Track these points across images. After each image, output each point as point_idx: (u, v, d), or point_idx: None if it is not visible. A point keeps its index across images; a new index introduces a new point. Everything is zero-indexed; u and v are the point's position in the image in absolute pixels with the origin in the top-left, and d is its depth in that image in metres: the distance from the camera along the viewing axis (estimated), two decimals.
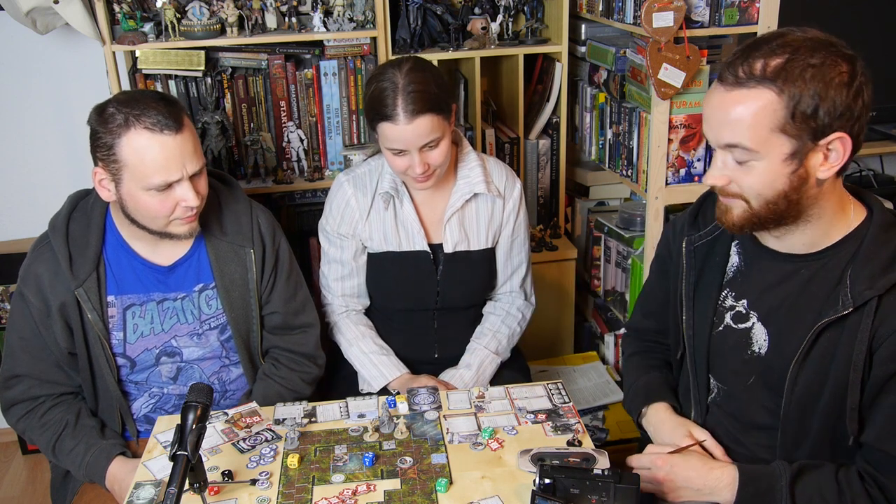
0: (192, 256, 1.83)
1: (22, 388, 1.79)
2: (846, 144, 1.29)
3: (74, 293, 1.72)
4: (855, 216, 1.40)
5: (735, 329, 1.52)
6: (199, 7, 2.35)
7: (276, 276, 1.91)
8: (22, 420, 1.81)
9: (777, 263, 1.45)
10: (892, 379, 1.32)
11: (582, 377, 2.71)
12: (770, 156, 1.29)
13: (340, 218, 2.04)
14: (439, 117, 1.84)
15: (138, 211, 1.69)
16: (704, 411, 1.60)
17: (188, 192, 1.66)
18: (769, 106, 1.26)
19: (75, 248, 1.74)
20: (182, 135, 1.63)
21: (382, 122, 1.83)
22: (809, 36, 1.29)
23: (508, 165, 2.14)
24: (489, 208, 2.06)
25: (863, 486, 1.35)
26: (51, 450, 1.78)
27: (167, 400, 1.88)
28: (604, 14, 2.47)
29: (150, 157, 1.61)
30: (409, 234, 2.03)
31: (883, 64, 2.77)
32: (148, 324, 1.82)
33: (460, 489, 1.46)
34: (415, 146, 1.84)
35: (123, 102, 1.64)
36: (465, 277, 2.08)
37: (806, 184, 1.31)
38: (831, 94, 1.25)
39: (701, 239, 1.56)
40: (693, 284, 1.57)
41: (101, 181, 1.68)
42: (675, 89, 2.18)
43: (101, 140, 1.63)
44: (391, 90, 1.81)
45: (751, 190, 1.34)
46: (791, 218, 1.36)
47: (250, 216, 1.88)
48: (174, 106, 1.66)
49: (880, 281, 1.31)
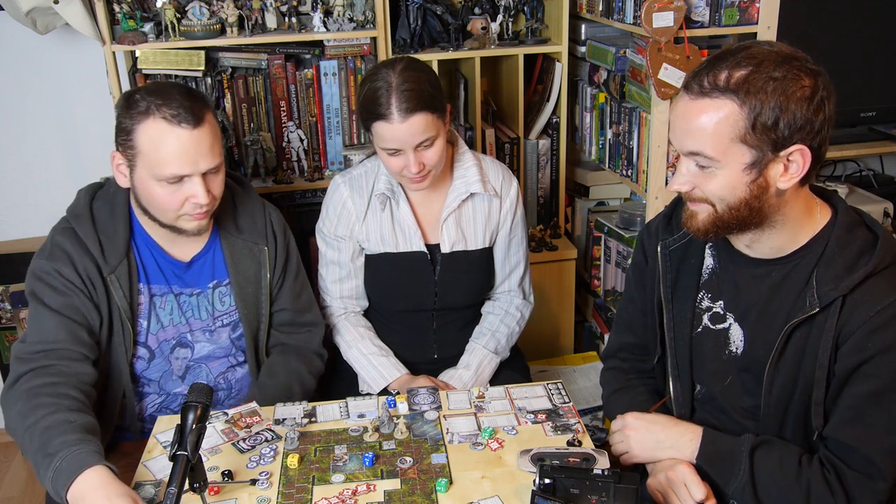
0: (208, 253, 1.84)
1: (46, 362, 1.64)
2: (806, 156, 1.32)
3: (106, 279, 1.71)
4: (821, 217, 1.43)
5: (713, 330, 1.55)
6: (199, 7, 2.35)
7: (286, 273, 1.92)
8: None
9: (749, 267, 1.49)
10: (853, 373, 1.36)
11: (582, 377, 2.71)
12: (730, 164, 1.33)
13: (337, 220, 2.04)
14: (433, 116, 1.83)
15: (149, 201, 1.69)
16: (689, 413, 1.62)
17: (199, 189, 1.65)
18: (731, 116, 1.30)
19: (103, 234, 1.73)
20: (199, 130, 1.63)
21: (377, 122, 1.83)
22: (775, 50, 1.31)
23: (505, 164, 2.14)
24: (486, 208, 2.05)
25: (821, 470, 1.39)
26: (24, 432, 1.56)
27: (173, 399, 1.88)
28: (604, 14, 2.47)
29: (164, 147, 1.61)
30: (406, 235, 2.03)
31: (883, 64, 2.78)
32: (168, 315, 1.82)
33: (460, 489, 1.46)
34: (409, 145, 1.83)
35: (150, 91, 1.65)
36: (462, 278, 2.08)
37: (766, 192, 1.35)
38: (792, 107, 1.28)
39: (675, 242, 1.59)
40: (670, 287, 1.59)
41: (118, 166, 1.69)
42: (675, 89, 2.18)
43: (122, 124, 1.64)
44: (385, 89, 1.81)
45: (714, 195, 1.37)
46: (754, 224, 1.40)
47: (264, 214, 1.89)
48: (198, 101, 1.66)
49: (844, 281, 1.36)
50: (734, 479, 1.44)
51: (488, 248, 2.10)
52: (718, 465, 1.46)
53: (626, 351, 1.78)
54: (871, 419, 1.36)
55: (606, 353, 1.84)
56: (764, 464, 1.43)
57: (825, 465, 1.40)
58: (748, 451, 1.43)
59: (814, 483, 1.39)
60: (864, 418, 1.36)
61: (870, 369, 1.34)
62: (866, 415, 1.36)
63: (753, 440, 1.45)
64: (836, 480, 1.38)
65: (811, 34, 2.60)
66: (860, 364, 1.35)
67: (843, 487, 1.37)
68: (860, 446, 1.36)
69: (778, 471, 1.41)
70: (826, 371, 1.38)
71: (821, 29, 2.62)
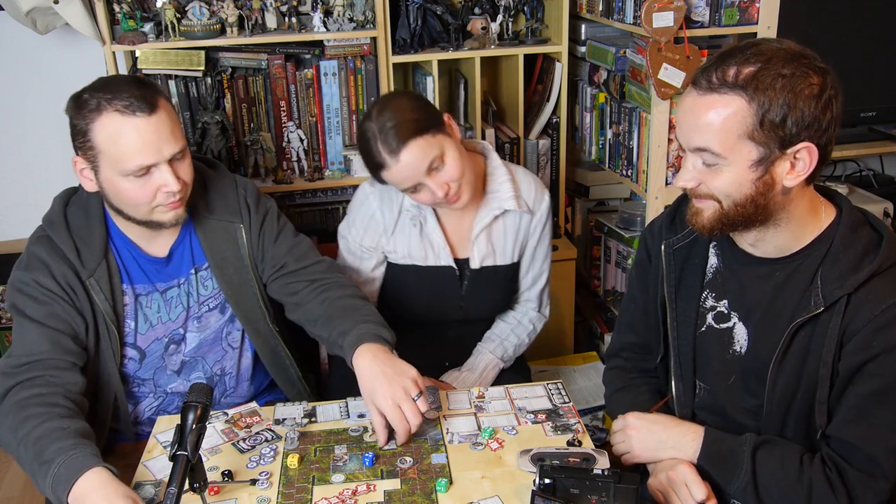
0: (184, 241, 1.82)
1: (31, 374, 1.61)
2: (813, 154, 1.31)
3: (85, 283, 1.70)
4: (825, 217, 1.43)
5: (717, 329, 1.55)
6: (199, 7, 2.35)
7: (264, 236, 1.86)
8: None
9: (753, 266, 1.49)
10: (857, 371, 1.36)
11: (582, 377, 2.71)
12: (737, 161, 1.32)
13: (364, 230, 2.01)
14: (427, 136, 1.79)
15: (119, 199, 1.66)
16: (691, 413, 1.62)
17: (168, 177, 1.62)
18: (739, 113, 1.29)
19: (79, 238, 1.71)
20: (156, 116, 1.59)
21: (381, 172, 1.82)
22: (784, 47, 1.31)
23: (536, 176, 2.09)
24: (517, 223, 2.02)
25: (823, 469, 1.39)
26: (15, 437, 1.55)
27: (170, 401, 1.87)
28: (604, 14, 2.47)
29: (124, 140, 1.58)
30: (434, 250, 1.99)
31: (883, 64, 2.78)
32: (155, 313, 1.80)
33: (460, 489, 1.46)
34: (420, 175, 1.80)
35: (97, 87, 1.61)
36: (489, 292, 2.06)
37: (772, 190, 1.35)
38: (800, 104, 1.28)
39: (679, 241, 1.58)
40: (674, 287, 1.59)
41: (81, 171, 1.66)
42: (675, 89, 2.18)
43: (76, 127, 1.61)
44: (371, 139, 1.79)
45: (720, 191, 1.37)
46: (759, 221, 1.39)
47: (236, 191, 1.85)
48: (148, 87, 1.62)
49: (849, 280, 1.35)
50: (736, 479, 1.43)
51: (516, 263, 2.07)
52: (720, 466, 1.46)
53: (628, 350, 1.78)
54: (874, 418, 1.35)
55: (609, 352, 1.84)
56: (766, 463, 1.43)
57: (827, 464, 1.39)
58: (750, 452, 1.43)
59: (815, 482, 1.38)
60: (868, 417, 1.36)
61: (874, 368, 1.34)
62: (870, 414, 1.36)
63: (755, 440, 1.45)
64: (838, 479, 1.37)
65: (811, 34, 2.58)
66: (864, 363, 1.35)
67: (845, 486, 1.37)
68: (864, 445, 1.36)
69: (779, 470, 1.41)
70: (830, 370, 1.38)
71: (821, 29, 2.62)
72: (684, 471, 1.47)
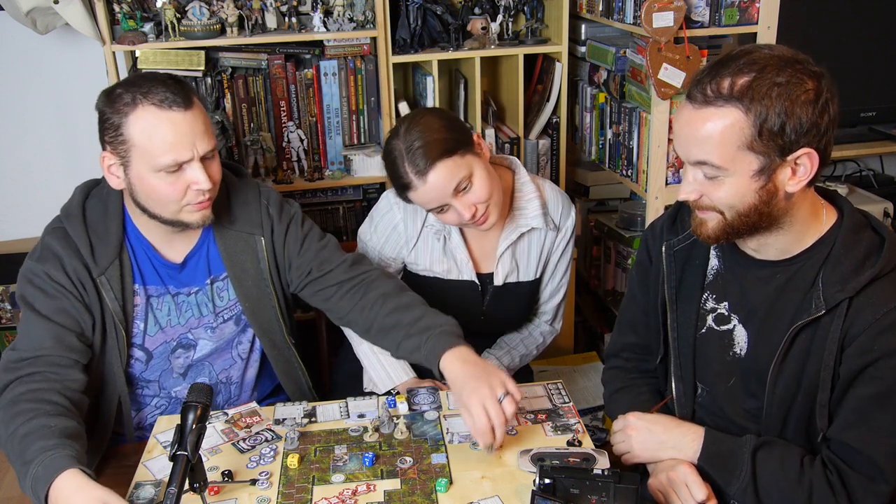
0: (202, 249, 1.80)
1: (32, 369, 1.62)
2: (813, 159, 1.31)
3: (96, 280, 1.68)
4: (827, 219, 1.43)
5: (717, 331, 1.55)
6: (199, 7, 2.35)
7: (289, 245, 1.83)
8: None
9: (754, 269, 1.49)
10: (858, 375, 1.36)
11: (582, 377, 2.71)
12: (739, 172, 1.32)
13: (385, 240, 1.98)
14: (455, 157, 1.75)
15: (148, 195, 1.63)
16: (691, 414, 1.62)
17: (199, 174, 1.60)
18: (736, 124, 1.29)
19: (94, 234, 1.69)
20: (192, 112, 1.59)
21: (408, 192, 1.79)
22: (776, 53, 1.31)
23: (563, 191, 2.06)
24: (542, 239, 2.00)
25: (824, 471, 1.39)
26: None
27: (174, 408, 1.85)
28: (604, 14, 2.47)
29: (159, 134, 1.57)
30: (458, 266, 1.97)
31: (883, 64, 2.78)
32: (165, 316, 1.79)
33: (460, 489, 1.46)
34: (447, 196, 1.77)
35: (131, 83, 1.61)
36: (511, 307, 2.04)
37: (775, 197, 1.35)
38: (797, 111, 1.27)
39: (680, 243, 1.58)
40: (675, 288, 1.59)
41: (109, 167, 1.64)
42: (675, 89, 2.18)
43: (108, 121, 1.59)
44: (398, 158, 1.76)
45: (722, 203, 1.37)
46: (763, 228, 1.39)
47: (259, 202, 1.83)
48: (183, 85, 1.62)
49: (850, 283, 1.35)
50: (736, 480, 1.43)
51: (539, 278, 2.06)
52: (720, 466, 1.46)
53: (628, 351, 1.78)
54: (875, 422, 1.35)
55: (608, 352, 1.84)
56: (766, 465, 1.42)
57: (828, 467, 1.39)
58: (750, 452, 1.43)
59: (816, 484, 1.38)
60: (869, 421, 1.36)
61: (875, 372, 1.34)
62: (871, 417, 1.35)
63: (756, 441, 1.45)
64: (838, 482, 1.37)
65: (811, 34, 2.60)
66: (865, 366, 1.34)
67: (845, 489, 1.37)
68: (864, 448, 1.36)
69: (780, 471, 1.41)
70: (831, 373, 1.38)
71: (821, 29, 2.62)
72: (685, 471, 1.47)
